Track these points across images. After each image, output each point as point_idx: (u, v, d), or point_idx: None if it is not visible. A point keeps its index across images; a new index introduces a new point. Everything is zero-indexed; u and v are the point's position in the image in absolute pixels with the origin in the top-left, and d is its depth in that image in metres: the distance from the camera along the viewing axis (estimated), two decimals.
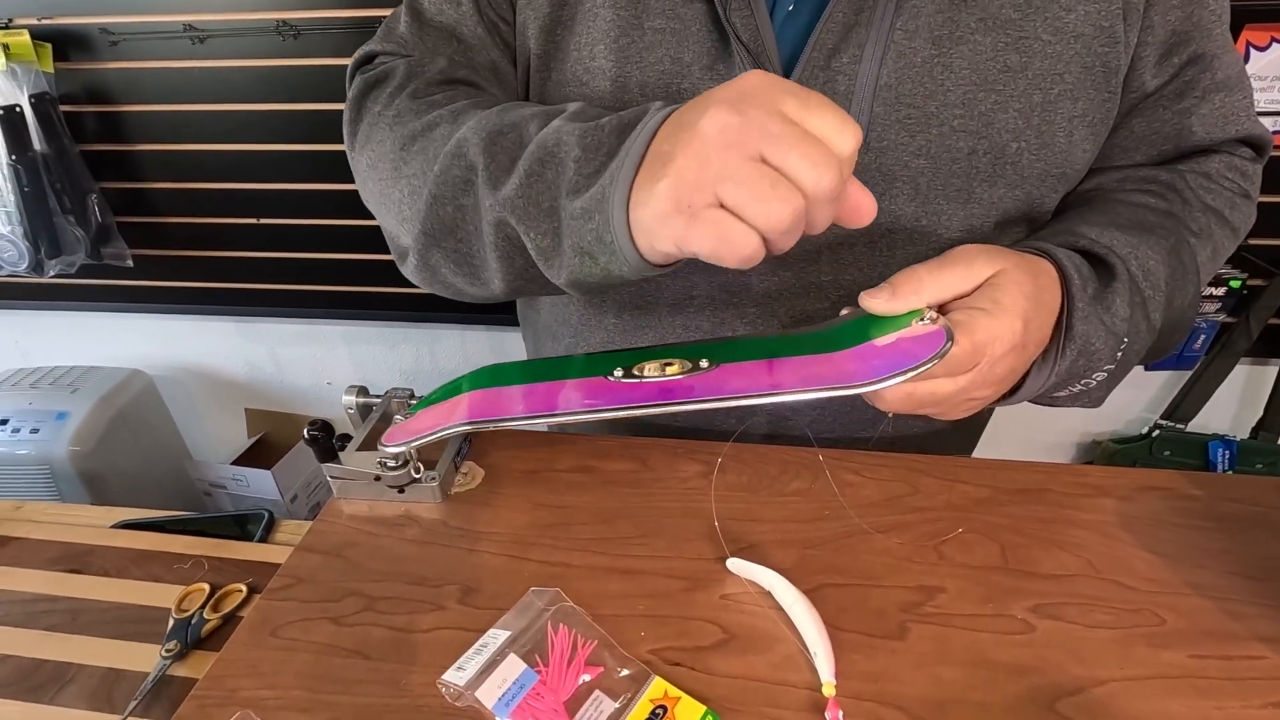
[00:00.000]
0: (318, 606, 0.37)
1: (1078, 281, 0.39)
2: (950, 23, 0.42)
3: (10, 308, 1.53)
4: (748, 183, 0.30)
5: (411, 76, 0.48)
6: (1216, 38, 0.47)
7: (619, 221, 0.33)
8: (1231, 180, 0.50)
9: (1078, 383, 0.41)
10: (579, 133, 0.36)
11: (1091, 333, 0.38)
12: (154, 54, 1.18)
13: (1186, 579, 0.37)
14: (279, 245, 1.35)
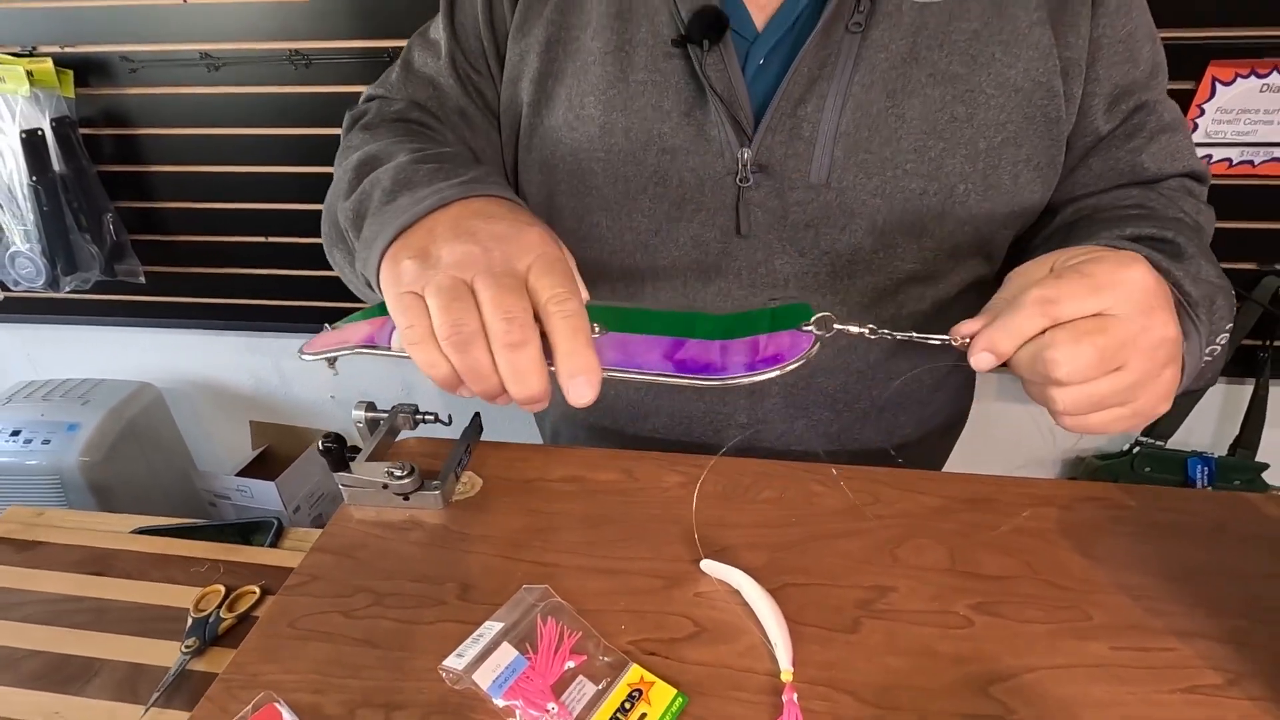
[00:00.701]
0: (330, 601, 0.41)
1: (1163, 260, 0.40)
2: (903, 77, 0.47)
3: (23, 321, 1.57)
4: (442, 297, 0.33)
5: (375, 114, 0.56)
6: (1155, 89, 0.52)
7: (374, 264, 0.38)
8: (1188, 196, 0.55)
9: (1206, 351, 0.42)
10: (398, 170, 0.43)
11: (1209, 293, 0.40)
12: (171, 80, 1.24)
13: (1115, 580, 0.41)
14: (287, 263, 1.40)
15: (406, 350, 0.34)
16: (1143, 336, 0.34)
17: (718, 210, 0.51)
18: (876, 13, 0.47)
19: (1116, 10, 0.49)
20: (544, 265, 0.34)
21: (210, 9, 1.16)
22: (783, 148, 0.48)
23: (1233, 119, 1.07)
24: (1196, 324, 0.39)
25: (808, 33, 0.47)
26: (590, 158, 0.51)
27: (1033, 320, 0.34)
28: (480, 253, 0.34)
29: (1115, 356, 0.34)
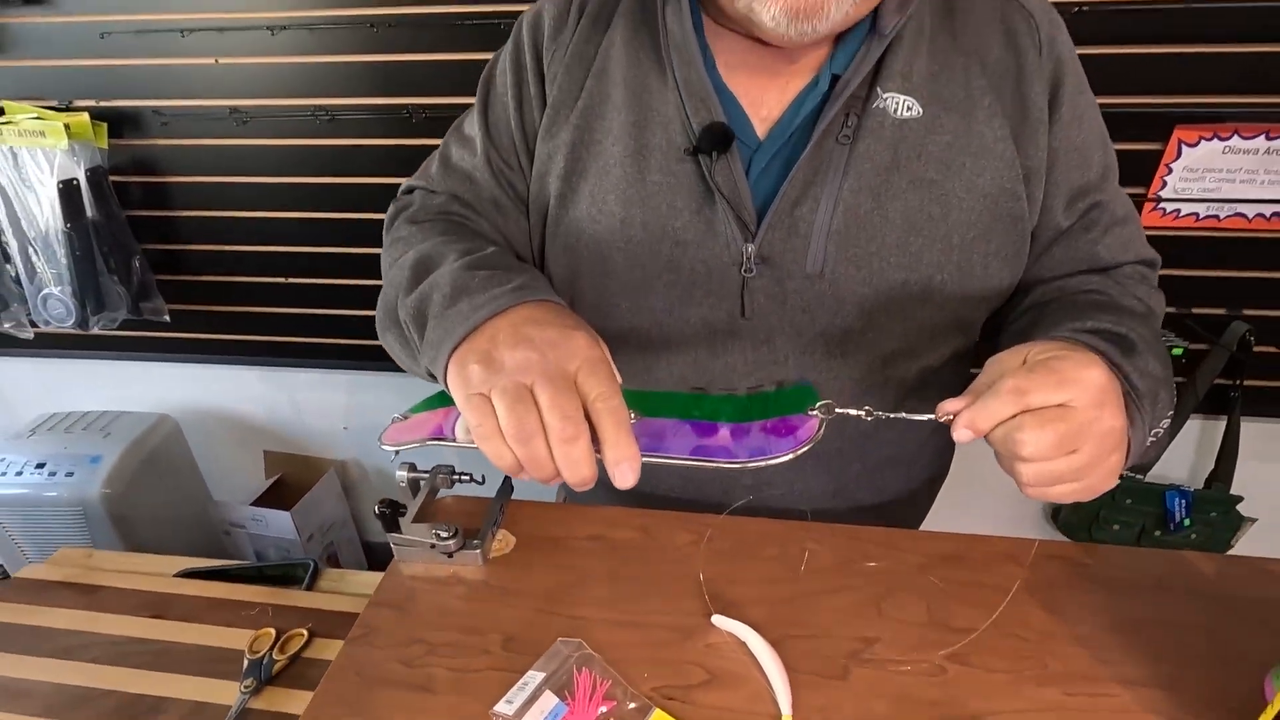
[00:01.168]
0: (390, 651, 0.47)
1: (1116, 355, 0.46)
2: (886, 183, 0.54)
3: (47, 356, 1.63)
4: (506, 400, 0.40)
5: (420, 208, 0.63)
6: (1107, 189, 0.59)
7: (441, 365, 0.45)
8: (1141, 282, 0.61)
9: (1150, 436, 0.47)
10: (455, 274, 0.49)
11: (1152, 386, 0.46)
12: (201, 133, 1.31)
13: (1069, 632, 0.47)
14: (303, 301, 1.46)
15: (478, 444, 0.41)
16: (1095, 425, 0.41)
17: (724, 296, 0.57)
18: (863, 127, 0.54)
19: (1070, 123, 0.56)
20: (590, 367, 0.41)
21: (241, 68, 1.24)
22: (782, 243, 0.55)
23: (1198, 177, 1.15)
24: (1141, 413, 0.46)
25: (804, 141, 0.54)
26: (611, 247, 0.58)
27: (1007, 406, 0.41)
28: (538, 359, 0.41)
29: (1072, 441, 0.40)
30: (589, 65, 0.59)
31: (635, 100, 0.57)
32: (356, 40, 1.18)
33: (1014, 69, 0.54)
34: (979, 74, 0.54)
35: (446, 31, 1.15)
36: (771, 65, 0.55)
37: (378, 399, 1.63)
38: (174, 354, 1.59)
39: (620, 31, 0.58)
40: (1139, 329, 0.50)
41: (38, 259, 1.36)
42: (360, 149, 1.28)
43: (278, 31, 1.18)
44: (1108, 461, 0.42)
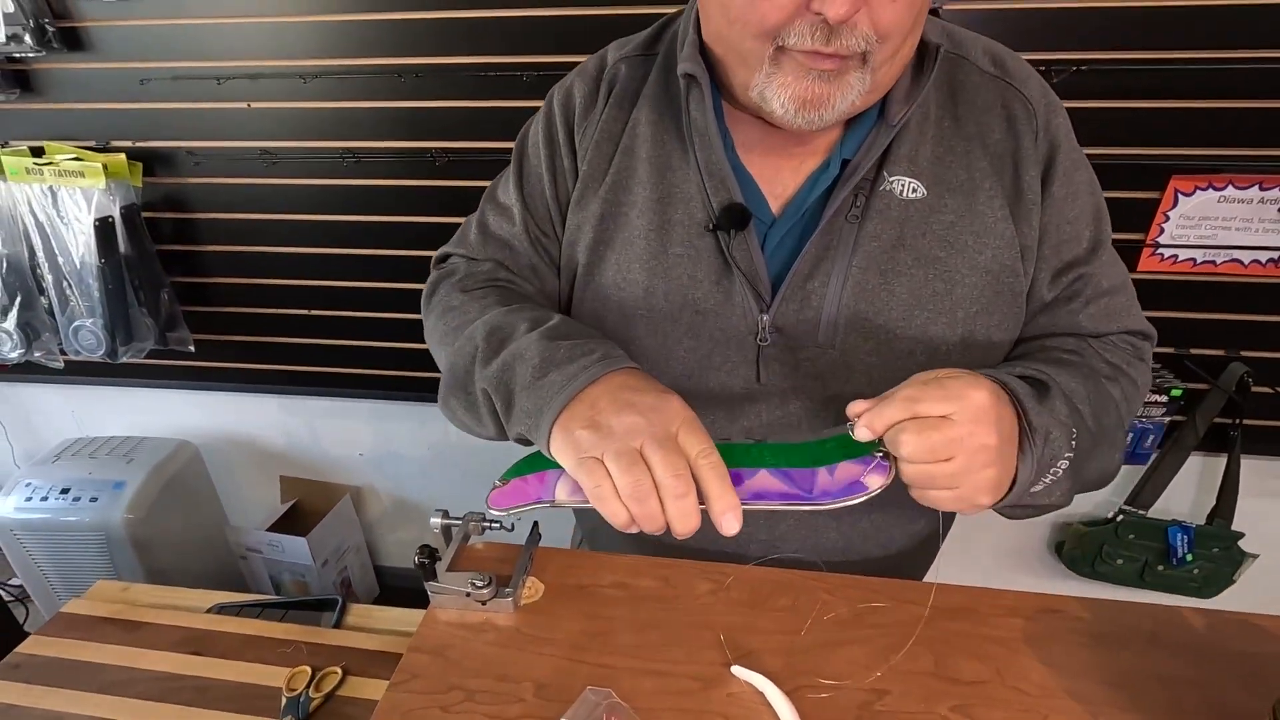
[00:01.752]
0: (431, 698, 0.51)
1: (1022, 390, 0.51)
2: (892, 260, 0.58)
3: (73, 383, 1.67)
4: (621, 463, 0.45)
5: (467, 275, 0.67)
6: (1095, 262, 0.62)
7: (544, 432, 0.50)
8: (1124, 348, 0.64)
9: (1048, 473, 0.51)
10: (540, 346, 0.53)
11: (1048, 424, 0.50)
12: (231, 172, 1.36)
13: (1067, 686, 0.50)
14: (325, 333, 1.51)
15: (594, 505, 0.46)
16: (969, 439, 0.46)
17: (741, 363, 0.61)
18: (870, 208, 0.58)
19: (1063, 200, 0.60)
20: (689, 427, 0.46)
21: (273, 112, 1.29)
22: (795, 315, 0.59)
23: (1194, 225, 1.19)
24: (1032, 446, 0.50)
25: (816, 219, 0.58)
26: (634, 314, 0.62)
27: (898, 411, 0.47)
28: (644, 423, 0.46)
29: (946, 449, 0.46)
30: (617, 142, 0.63)
31: (659, 178, 0.61)
32: (384, 88, 1.24)
33: (1013, 152, 0.58)
34: (980, 156, 0.58)
35: (469, 80, 1.20)
36: (786, 148, 0.59)
37: (394, 427, 1.67)
38: (197, 382, 1.63)
39: (645, 113, 0.62)
40: (1072, 383, 0.55)
41: (71, 292, 1.41)
42: (384, 189, 1.33)
43: (309, 79, 1.24)
44: (980, 474, 0.47)
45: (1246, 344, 1.27)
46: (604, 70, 0.65)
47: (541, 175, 0.66)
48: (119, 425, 1.76)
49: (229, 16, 1.21)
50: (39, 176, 1.31)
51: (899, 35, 0.49)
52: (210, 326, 1.54)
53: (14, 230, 1.38)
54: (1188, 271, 1.22)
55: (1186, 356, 1.29)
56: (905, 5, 0.47)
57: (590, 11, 1.13)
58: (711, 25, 0.54)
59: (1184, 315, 1.26)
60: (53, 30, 1.25)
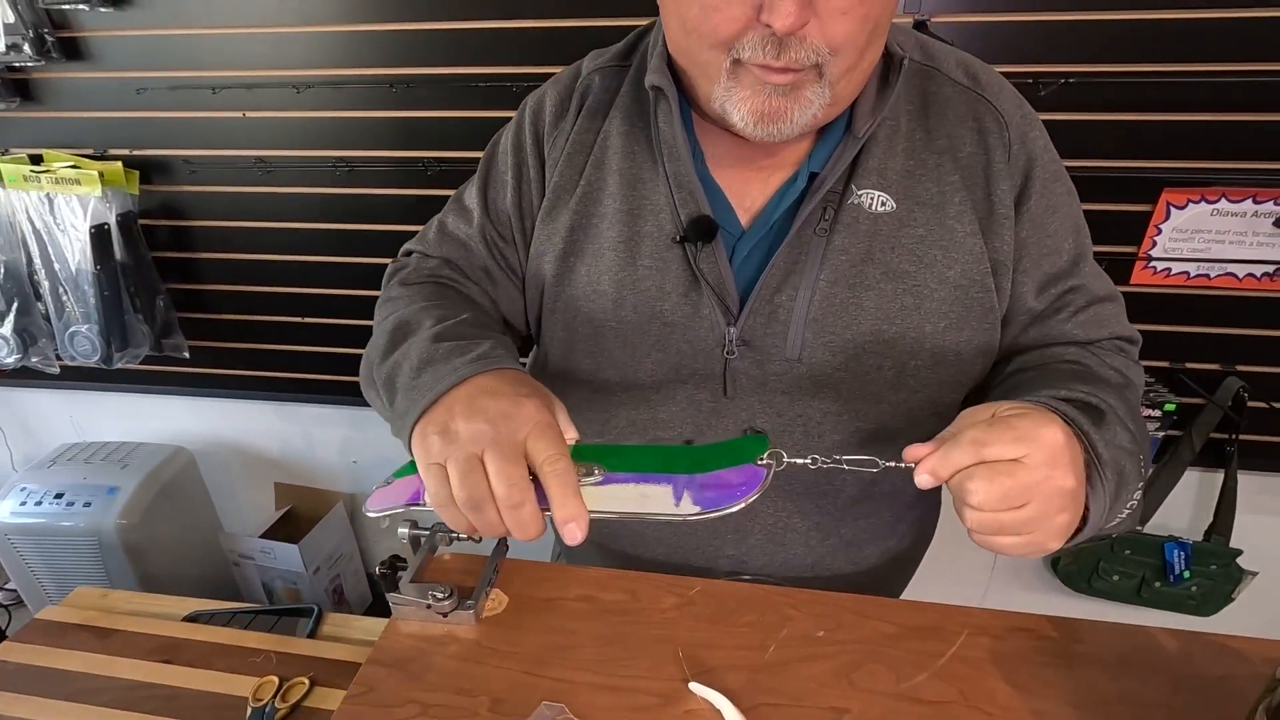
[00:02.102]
0: (384, 711, 0.50)
1: (1082, 422, 0.48)
2: (860, 273, 0.57)
3: (70, 388, 1.69)
4: (459, 472, 0.44)
5: (413, 270, 0.68)
6: (1079, 274, 0.61)
7: (406, 435, 0.50)
8: (1119, 354, 0.63)
9: (1124, 507, 0.50)
10: (423, 347, 0.54)
11: (1117, 457, 0.48)
12: (227, 181, 1.38)
13: (1032, 708, 0.49)
14: (319, 340, 1.52)
15: (435, 510, 0.46)
16: (1045, 484, 0.43)
17: (708, 376, 0.61)
18: (839, 221, 0.57)
19: (1044, 212, 0.59)
20: (539, 432, 0.45)
21: (267, 121, 1.30)
22: (762, 328, 0.59)
23: (1188, 238, 1.17)
24: (1104, 481, 0.48)
25: (784, 231, 0.58)
26: (604, 325, 0.62)
27: (966, 456, 0.44)
28: (489, 430, 0.45)
29: (1020, 496, 0.43)
30: (588, 154, 0.63)
31: (629, 190, 0.61)
32: (377, 98, 1.24)
33: (984, 165, 0.58)
34: (951, 170, 0.58)
35: (460, 91, 1.21)
36: (755, 160, 0.59)
37: (386, 435, 1.65)
38: (192, 388, 1.64)
39: (616, 124, 0.62)
40: (1112, 400, 0.52)
41: (67, 298, 1.43)
42: (377, 198, 1.34)
43: (303, 89, 1.25)
44: (1054, 520, 0.45)
45: (1242, 359, 1.26)
46: (578, 80, 0.65)
47: (506, 181, 0.66)
48: (116, 431, 1.77)
49: (224, 27, 1.23)
50: (36, 184, 1.33)
51: (852, 49, 0.48)
52: (206, 333, 1.55)
53: (11, 237, 1.39)
54: (1181, 285, 1.21)
55: (1181, 371, 1.28)
56: (857, 19, 0.47)
57: (579, 23, 1.13)
58: (673, 37, 0.54)
59: (1179, 329, 1.25)
60: (52, 40, 1.26)
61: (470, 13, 1.16)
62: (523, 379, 0.51)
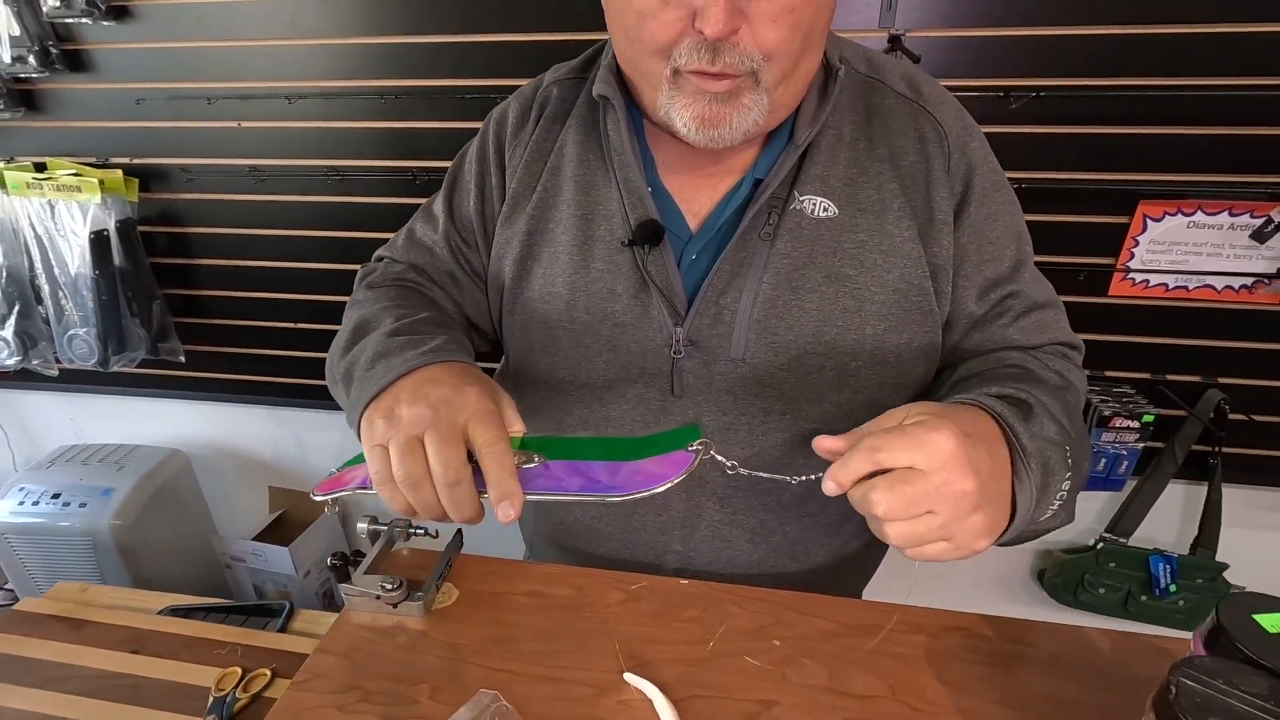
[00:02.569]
0: (328, 697, 0.52)
1: (1008, 415, 0.49)
2: (802, 276, 0.59)
3: (71, 390, 1.72)
4: (399, 451, 0.47)
5: (380, 275, 0.71)
6: (1019, 279, 0.63)
7: (356, 421, 0.53)
8: (1060, 358, 0.64)
9: (1054, 499, 0.50)
10: (379, 341, 0.56)
11: (1042, 448, 0.49)
12: (222, 189, 1.41)
13: (959, 704, 0.50)
14: (311, 346, 1.54)
15: (375, 489, 0.48)
16: (944, 489, 0.44)
17: (656, 375, 0.62)
18: (782, 225, 0.59)
19: (984, 220, 0.61)
20: (479, 418, 0.47)
21: (261, 131, 1.34)
22: (708, 329, 0.60)
23: (1165, 249, 1.18)
24: (1029, 473, 0.48)
25: (730, 235, 0.60)
26: (558, 326, 0.64)
27: (862, 463, 0.45)
28: (430, 414, 0.47)
29: (921, 503, 0.44)
30: (545, 160, 0.65)
31: (583, 196, 0.63)
32: (367, 109, 1.28)
33: (924, 174, 0.59)
34: (892, 178, 0.59)
35: (448, 103, 1.24)
36: (704, 167, 0.61)
37: None
38: (188, 392, 1.67)
39: (572, 133, 0.64)
40: (1045, 397, 0.54)
41: (66, 302, 1.46)
42: (367, 206, 1.37)
43: (295, 100, 1.28)
44: (968, 522, 0.45)
45: (1223, 371, 1.26)
46: (538, 92, 0.68)
47: (470, 188, 0.68)
48: (114, 433, 1.80)
49: (220, 40, 1.27)
50: (39, 191, 1.37)
51: (785, 55, 0.50)
52: (201, 337, 1.58)
53: (14, 242, 1.43)
54: (1160, 297, 1.22)
55: (1162, 382, 1.28)
56: (788, 26, 0.49)
57: (562, 37, 1.16)
58: (618, 47, 0.56)
59: (1159, 340, 1.25)
60: (56, 52, 1.31)
61: (458, 27, 1.19)
62: (469, 371, 0.53)
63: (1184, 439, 1.31)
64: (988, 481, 0.45)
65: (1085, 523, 1.49)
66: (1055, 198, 1.15)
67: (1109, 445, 1.27)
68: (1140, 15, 1.02)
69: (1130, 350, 1.26)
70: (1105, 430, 1.25)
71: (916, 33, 1.08)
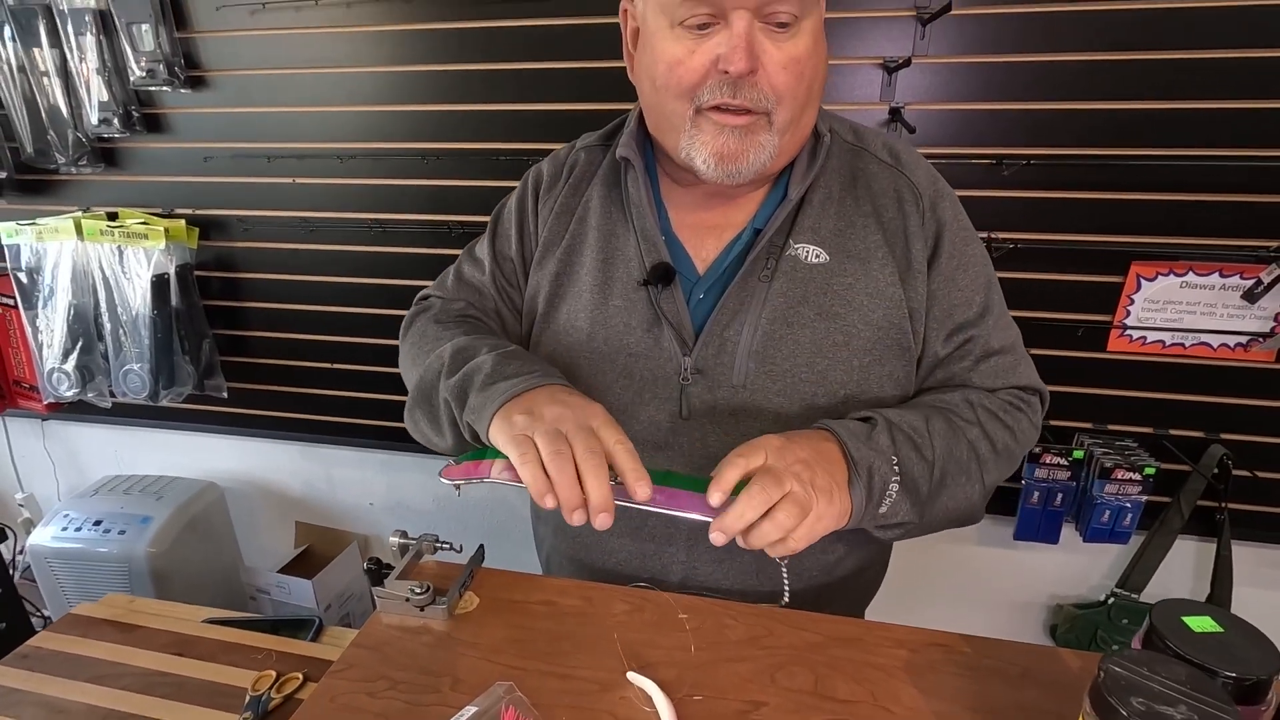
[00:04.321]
0: (360, 684, 0.57)
1: (841, 429, 0.60)
2: (796, 313, 0.66)
3: (118, 423, 1.83)
4: (546, 436, 0.54)
5: (441, 311, 0.78)
6: (984, 325, 0.70)
7: (486, 419, 0.59)
8: (1009, 402, 0.70)
9: (884, 500, 0.60)
10: (494, 361, 0.63)
11: (867, 456, 0.59)
12: (275, 238, 1.53)
13: (935, 709, 0.54)
14: (347, 386, 1.63)
15: (519, 468, 0.54)
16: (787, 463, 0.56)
17: (667, 399, 0.69)
18: (779, 270, 0.67)
19: (952, 270, 0.68)
20: (607, 422, 0.56)
21: (314, 187, 1.47)
22: (713, 358, 0.68)
23: (1160, 308, 1.23)
24: (856, 476, 0.59)
25: (733, 277, 0.67)
26: (579, 356, 0.71)
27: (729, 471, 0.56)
28: (570, 414, 0.56)
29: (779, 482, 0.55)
30: (573, 214, 0.74)
31: (605, 243, 0.71)
32: (410, 167, 1.40)
33: (902, 228, 0.67)
34: (875, 230, 0.67)
35: (484, 163, 1.36)
36: (711, 219, 0.70)
37: (404, 478, 1.76)
38: (226, 427, 1.77)
39: (597, 190, 0.74)
40: (901, 416, 0.63)
41: (126, 339, 1.58)
42: (406, 256, 1.48)
43: (346, 159, 1.41)
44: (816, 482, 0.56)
45: (1226, 427, 1.28)
46: (569, 156, 0.78)
47: (511, 235, 0.77)
48: (155, 464, 1.89)
49: (282, 106, 1.41)
50: (110, 237, 1.50)
51: (792, 100, 0.60)
52: (244, 375, 1.68)
53: (85, 283, 1.56)
54: (1159, 354, 1.26)
55: (1165, 437, 1.31)
56: (795, 74, 0.59)
57: (584, 107, 1.28)
58: (644, 98, 0.66)
59: (1160, 396, 1.29)
60: (138, 115, 1.46)
61: (492, 97, 1.32)
62: (582, 394, 0.61)
63: (1189, 494, 1.33)
64: (817, 459, 0.57)
65: (1096, 578, 1.50)
66: (1050, 257, 1.22)
67: (1112, 497, 1.29)
68: (1126, 92, 1.11)
69: (1133, 405, 1.30)
70: (1108, 482, 1.28)
71: (915, 105, 1.17)
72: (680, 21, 0.59)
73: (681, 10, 0.58)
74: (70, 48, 1.40)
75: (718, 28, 0.58)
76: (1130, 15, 1.08)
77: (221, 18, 1.36)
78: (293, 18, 1.35)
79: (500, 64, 1.30)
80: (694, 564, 0.71)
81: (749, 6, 0.56)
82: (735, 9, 0.57)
